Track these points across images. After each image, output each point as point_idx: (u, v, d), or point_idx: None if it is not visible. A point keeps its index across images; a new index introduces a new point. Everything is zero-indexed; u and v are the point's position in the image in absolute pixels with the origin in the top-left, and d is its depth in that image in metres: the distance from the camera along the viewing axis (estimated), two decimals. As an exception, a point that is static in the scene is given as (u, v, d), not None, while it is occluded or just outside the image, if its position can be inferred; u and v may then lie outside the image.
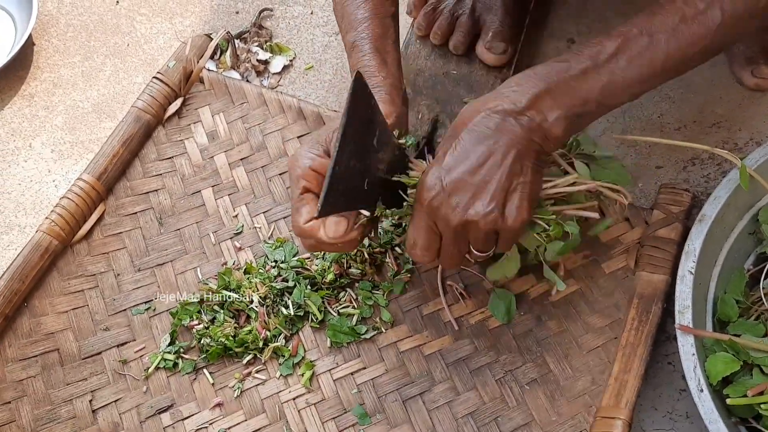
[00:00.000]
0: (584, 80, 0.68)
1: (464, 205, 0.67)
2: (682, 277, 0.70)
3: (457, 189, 0.67)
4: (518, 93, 0.68)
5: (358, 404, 0.78)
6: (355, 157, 0.61)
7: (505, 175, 0.67)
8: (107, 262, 0.87)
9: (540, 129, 0.68)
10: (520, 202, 0.68)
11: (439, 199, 0.68)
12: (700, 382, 0.66)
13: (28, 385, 0.79)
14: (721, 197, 0.73)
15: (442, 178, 0.67)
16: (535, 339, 0.80)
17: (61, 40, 1.08)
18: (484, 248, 0.71)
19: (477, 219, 0.67)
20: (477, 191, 0.67)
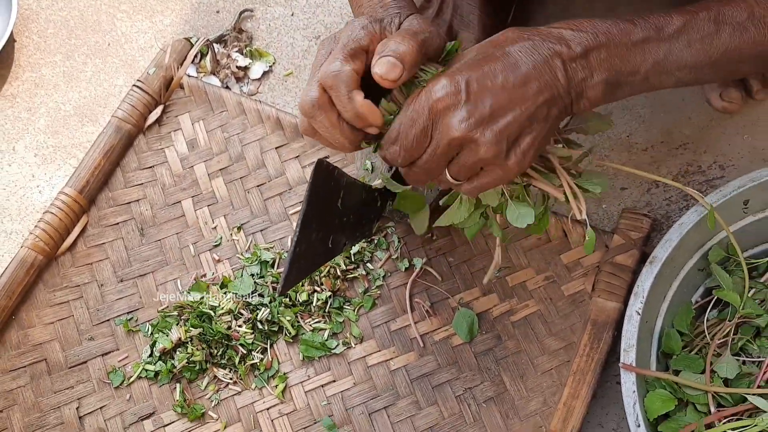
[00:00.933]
0: (642, 49, 0.64)
1: (475, 122, 0.60)
2: (629, 317, 0.75)
3: (476, 102, 0.60)
4: (575, 38, 0.63)
5: (327, 416, 0.84)
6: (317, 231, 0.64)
7: (530, 112, 0.61)
8: (91, 273, 0.91)
9: (581, 84, 0.63)
10: (528, 147, 0.62)
11: (454, 101, 0.61)
12: (638, 417, 0.71)
13: (18, 394, 0.85)
14: (672, 240, 0.76)
15: (464, 83, 0.61)
16: (494, 358, 0.85)
17: (41, 37, 1.08)
18: (463, 175, 0.65)
19: (481, 142, 0.61)
20: (495, 114, 0.61)
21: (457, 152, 0.63)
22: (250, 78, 1.04)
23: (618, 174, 0.95)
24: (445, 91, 0.61)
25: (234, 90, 1.03)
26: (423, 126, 0.62)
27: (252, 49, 1.04)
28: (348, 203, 0.68)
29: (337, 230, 0.68)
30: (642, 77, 0.65)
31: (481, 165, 0.63)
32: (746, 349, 0.77)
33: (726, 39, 0.65)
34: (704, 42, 0.65)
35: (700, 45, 0.65)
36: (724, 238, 0.81)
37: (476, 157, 0.62)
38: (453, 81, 0.61)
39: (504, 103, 0.61)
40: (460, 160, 0.63)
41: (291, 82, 1.04)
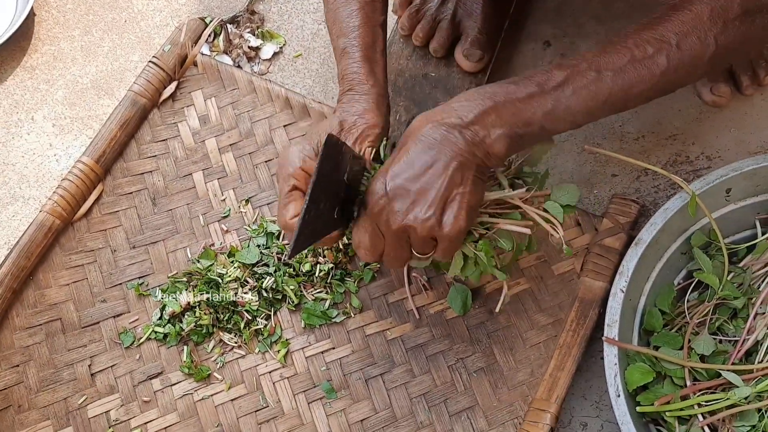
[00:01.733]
0: (529, 104, 0.71)
1: (404, 211, 0.71)
2: (614, 294, 0.80)
3: (398, 195, 0.71)
4: (466, 108, 0.71)
5: (326, 380, 0.89)
6: (325, 200, 0.68)
7: (445, 185, 0.70)
8: (105, 238, 0.95)
9: (482, 144, 0.71)
10: (458, 212, 0.71)
11: (382, 204, 0.71)
12: (618, 388, 0.76)
13: (34, 350, 0.89)
14: (657, 224, 0.81)
15: (386, 184, 0.71)
16: (486, 331, 0.90)
17: (60, 12, 1.12)
18: (423, 252, 0.75)
19: (415, 225, 0.71)
20: (417, 198, 0.70)
21: (407, 238, 0.74)
22: (261, 58, 1.08)
23: (609, 161, 1.00)
24: (375, 196, 0.72)
25: (245, 69, 1.07)
26: (372, 228, 0.74)
27: (263, 30, 1.09)
28: (352, 178, 0.73)
29: (342, 202, 0.72)
30: (539, 127, 0.72)
31: (429, 238, 0.73)
32: (723, 329, 0.82)
33: (609, 83, 0.71)
34: (588, 89, 0.71)
35: (585, 92, 0.71)
36: (707, 224, 0.85)
37: (420, 237, 0.72)
38: (378, 185, 0.72)
39: (421, 186, 0.71)
40: (413, 242, 0.74)
41: (300, 63, 1.08)
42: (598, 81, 0.71)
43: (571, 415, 0.88)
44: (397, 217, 0.71)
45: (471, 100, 0.72)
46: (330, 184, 0.68)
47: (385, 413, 0.87)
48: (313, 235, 0.70)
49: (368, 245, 0.75)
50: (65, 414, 0.86)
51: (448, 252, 0.75)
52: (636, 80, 0.71)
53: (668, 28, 0.70)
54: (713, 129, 1.01)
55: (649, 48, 0.71)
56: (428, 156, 0.71)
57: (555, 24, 1.09)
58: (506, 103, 0.71)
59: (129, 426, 0.86)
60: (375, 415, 0.87)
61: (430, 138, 0.71)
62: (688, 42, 0.70)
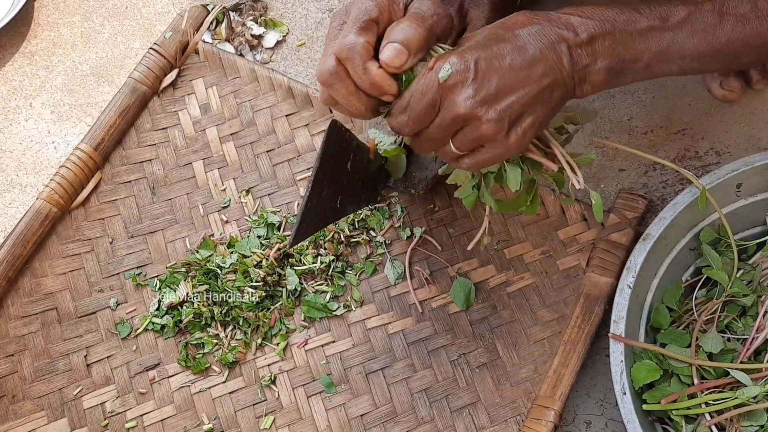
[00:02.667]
0: (646, 38, 0.66)
1: (480, 99, 0.63)
2: (621, 290, 0.78)
3: (483, 80, 0.63)
4: (582, 25, 0.66)
5: (326, 374, 0.87)
6: (327, 188, 0.67)
7: (532, 94, 0.64)
8: (102, 227, 0.94)
9: (585, 70, 0.66)
10: (529, 127, 0.65)
11: (462, 77, 0.63)
12: (624, 386, 0.74)
13: (29, 340, 0.88)
14: (666, 219, 0.79)
15: (474, 62, 0.63)
16: (489, 326, 0.89)
17: (61, -3, 1.11)
18: (463, 146, 0.67)
19: (484, 119, 0.64)
20: (500, 93, 0.64)
21: (462, 127, 0.66)
22: (263, 47, 1.06)
23: (617, 155, 0.98)
24: (455, 68, 0.64)
25: (247, 57, 1.06)
26: (431, 99, 0.65)
27: (266, 18, 1.07)
28: (356, 166, 0.71)
29: (345, 191, 0.71)
30: (644, 65, 0.68)
31: (483, 141, 0.66)
32: (731, 327, 0.80)
33: (728, 30, 0.67)
34: (707, 32, 0.67)
35: (703, 35, 0.67)
36: (716, 219, 0.84)
37: (478, 133, 0.65)
38: (462, 59, 0.64)
39: (509, 83, 0.64)
40: (464, 134, 0.66)
41: (303, 52, 1.06)
42: (719, 25, 0.67)
43: (575, 412, 0.86)
44: (470, 102, 0.63)
45: (589, 18, 0.66)
46: (333, 171, 0.67)
47: (386, 408, 0.85)
48: (314, 223, 0.68)
49: (417, 114, 0.66)
50: (60, 405, 0.85)
51: (485, 162, 0.68)
52: (757, 32, 0.67)
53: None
54: (723, 124, 0.99)
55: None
56: (528, 55, 0.64)
57: (563, 15, 1.06)
58: (624, 33, 0.66)
59: (125, 418, 0.85)
60: (375, 410, 0.85)
61: (536, 39, 0.65)
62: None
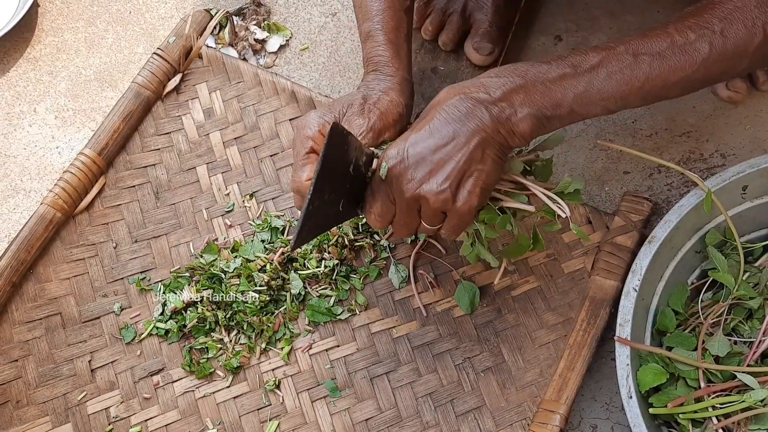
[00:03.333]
0: (560, 85, 0.69)
1: (419, 180, 0.69)
2: (626, 293, 0.78)
3: (416, 163, 0.69)
4: (494, 84, 0.70)
5: (330, 379, 0.87)
6: (329, 191, 0.66)
7: (465, 159, 0.69)
8: (106, 232, 0.94)
9: (507, 122, 0.69)
10: (473, 188, 0.70)
11: (398, 170, 0.70)
12: (630, 389, 0.74)
13: (33, 345, 0.88)
14: (671, 221, 0.79)
15: (405, 150, 0.69)
16: (494, 330, 0.88)
17: (64, 3, 1.11)
18: (432, 224, 0.73)
19: (429, 196, 0.69)
20: (434, 169, 0.69)
21: (418, 208, 0.72)
22: (266, 51, 1.06)
23: (621, 158, 0.98)
24: (392, 161, 0.70)
25: (251, 62, 1.06)
26: (383, 195, 0.72)
27: (270, 22, 1.07)
28: (359, 171, 0.71)
29: (347, 195, 0.71)
30: (567, 109, 0.70)
31: (439, 211, 0.71)
32: (738, 330, 0.80)
33: (646, 68, 0.69)
34: (623, 73, 0.69)
35: (620, 76, 0.69)
36: (722, 222, 0.83)
37: (433, 208, 0.71)
38: (396, 151, 0.70)
39: (439, 158, 0.69)
40: (423, 212, 0.72)
41: (307, 56, 1.06)
42: (635, 65, 0.68)
43: (581, 416, 0.86)
44: (411, 185, 0.70)
45: (501, 76, 0.70)
46: (335, 174, 0.66)
47: (390, 413, 0.85)
48: (316, 227, 0.68)
49: (379, 211, 0.73)
50: (64, 410, 0.85)
51: (456, 228, 0.74)
52: (675, 67, 0.69)
53: (712, 14, 0.68)
54: (728, 126, 0.99)
55: (690, 34, 0.68)
56: (452, 127, 0.69)
57: (567, 18, 1.07)
58: (536, 83, 0.69)
59: (129, 423, 0.85)
60: (380, 415, 0.85)
61: (455, 110, 0.69)
62: (734, 29, 0.67)
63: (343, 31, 1.07)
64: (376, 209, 0.73)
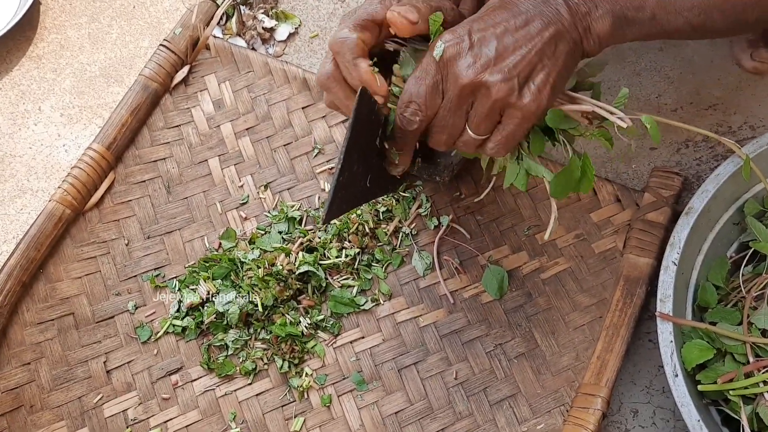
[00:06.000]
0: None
1: (483, 64, 0.60)
2: (666, 268, 0.74)
3: (481, 44, 0.60)
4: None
5: (356, 371, 0.83)
6: (358, 163, 0.63)
7: (537, 49, 0.61)
8: (118, 229, 0.90)
9: (586, 17, 0.63)
10: (543, 85, 0.61)
11: (458, 49, 0.61)
12: (676, 367, 0.70)
13: (46, 347, 0.84)
14: (708, 191, 0.76)
15: (471, 32, 0.61)
16: (525, 315, 0.85)
17: (66, 0, 1.08)
18: (483, 127, 0.64)
19: (492, 83, 0.60)
20: (502, 54, 0.60)
21: (472, 103, 0.63)
22: (275, 40, 1.03)
23: (647, 134, 0.94)
24: (452, 36, 0.61)
25: (260, 51, 1.03)
26: (433, 80, 0.62)
27: (278, 11, 1.04)
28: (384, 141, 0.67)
29: (374, 170, 0.67)
30: (649, 14, 0.65)
31: (498, 109, 0.62)
32: (783, 303, 0.76)
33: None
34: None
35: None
36: (760, 191, 0.80)
37: (490, 101, 0.61)
38: (454, 33, 0.62)
39: (509, 43, 0.61)
40: (477, 109, 0.63)
41: (317, 43, 1.04)
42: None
43: (620, 401, 0.82)
44: (472, 69, 0.60)
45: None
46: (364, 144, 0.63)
47: (421, 404, 0.81)
48: (346, 201, 0.65)
49: (423, 99, 0.62)
50: (80, 414, 0.81)
51: (510, 137, 0.63)
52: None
53: None
54: (755, 97, 0.95)
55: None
56: (524, 15, 0.61)
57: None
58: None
59: (148, 425, 0.81)
60: (410, 407, 0.81)
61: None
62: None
63: (353, 17, 1.04)
64: (420, 95, 0.62)
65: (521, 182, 0.70)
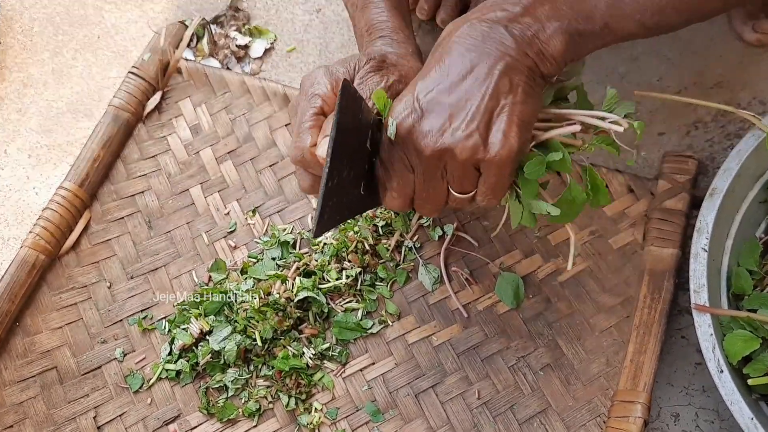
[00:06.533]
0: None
1: (438, 129, 0.57)
2: (695, 255, 0.68)
3: (431, 110, 0.58)
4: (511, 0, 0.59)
5: (370, 401, 0.76)
6: (347, 167, 0.57)
7: (490, 93, 0.57)
8: (98, 271, 0.84)
9: (535, 41, 0.59)
10: (508, 127, 0.57)
11: (410, 124, 0.58)
12: (720, 362, 0.64)
13: (29, 406, 0.77)
14: (732, 169, 0.70)
15: (416, 99, 0.58)
16: (546, 322, 0.78)
17: (27, 36, 1.02)
18: (463, 186, 0.61)
19: (454, 145, 0.57)
20: (455, 111, 0.57)
21: (444, 168, 0.60)
22: (251, 57, 0.98)
23: (653, 119, 0.89)
24: (402, 114, 0.59)
25: (235, 70, 0.97)
26: (399, 160, 0.61)
27: (251, 27, 0.99)
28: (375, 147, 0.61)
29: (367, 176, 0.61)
30: (600, 22, 0.60)
31: (471, 167, 0.59)
32: (824, 282, 0.71)
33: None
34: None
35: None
36: (785, 165, 0.75)
37: (459, 162, 0.59)
38: (403, 102, 0.59)
39: (459, 97, 0.58)
40: (450, 174, 0.61)
41: (295, 57, 0.98)
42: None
43: (659, 406, 0.75)
44: (429, 138, 0.57)
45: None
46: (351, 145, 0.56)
47: (444, 430, 0.74)
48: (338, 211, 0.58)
49: (395, 183, 0.61)
50: (71, 477, 0.74)
51: (494, 187, 0.60)
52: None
53: None
54: (760, 71, 0.91)
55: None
56: (467, 60, 0.58)
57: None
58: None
59: (147, 482, 0.74)
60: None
61: (467, 39, 0.58)
62: None
63: (330, 27, 0.99)
64: (393, 183, 0.61)
65: (528, 221, 0.66)
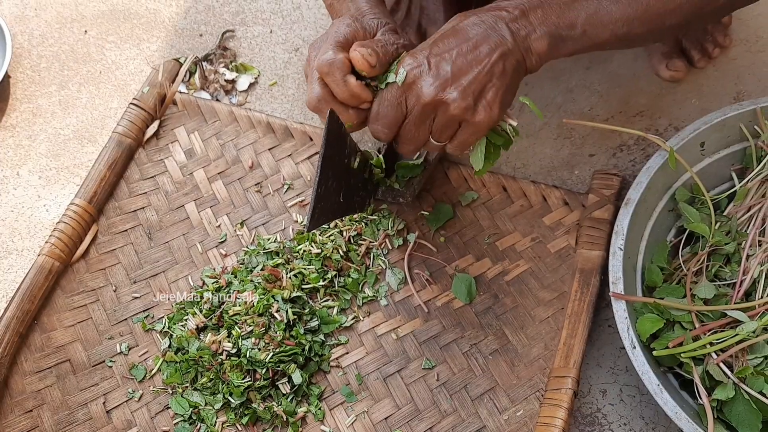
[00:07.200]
0: (574, 6, 0.73)
1: (440, 84, 0.69)
2: (613, 253, 0.83)
3: (438, 67, 0.69)
4: (511, 4, 0.73)
5: (344, 385, 0.89)
6: (332, 179, 0.71)
7: (487, 70, 0.70)
8: (105, 277, 0.95)
9: (526, 40, 0.72)
10: (493, 101, 0.71)
11: (418, 73, 0.70)
12: (633, 340, 0.78)
13: (46, 393, 0.88)
14: (642, 182, 0.85)
15: (428, 57, 0.70)
16: (494, 315, 0.92)
17: (35, 71, 1.14)
18: (443, 136, 0.73)
19: (450, 100, 0.69)
20: (457, 75, 0.69)
21: (433, 117, 0.72)
22: (237, 90, 1.11)
23: (585, 143, 1.04)
24: (413, 60, 0.71)
25: (224, 102, 1.10)
26: (397, 100, 0.72)
27: (237, 64, 1.12)
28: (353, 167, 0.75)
29: (346, 188, 0.75)
30: (580, 31, 0.74)
31: (456, 122, 0.72)
32: (719, 275, 0.85)
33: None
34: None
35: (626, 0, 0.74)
36: (688, 179, 0.89)
37: (449, 115, 0.71)
38: (414, 58, 0.71)
39: (463, 65, 0.70)
40: (437, 122, 0.72)
41: (276, 90, 1.12)
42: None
43: (590, 384, 0.89)
44: (431, 89, 0.69)
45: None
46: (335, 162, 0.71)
47: (408, 408, 0.87)
48: (325, 212, 0.72)
49: (389, 118, 0.72)
50: (85, 454, 0.85)
51: (466, 142, 0.74)
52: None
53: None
54: (676, 102, 1.06)
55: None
56: (471, 41, 0.70)
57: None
58: (552, 3, 0.73)
59: (151, 457, 0.85)
60: (398, 412, 0.87)
61: (476, 26, 0.71)
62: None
63: (307, 64, 1.13)
64: (386, 115, 0.72)
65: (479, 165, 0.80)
